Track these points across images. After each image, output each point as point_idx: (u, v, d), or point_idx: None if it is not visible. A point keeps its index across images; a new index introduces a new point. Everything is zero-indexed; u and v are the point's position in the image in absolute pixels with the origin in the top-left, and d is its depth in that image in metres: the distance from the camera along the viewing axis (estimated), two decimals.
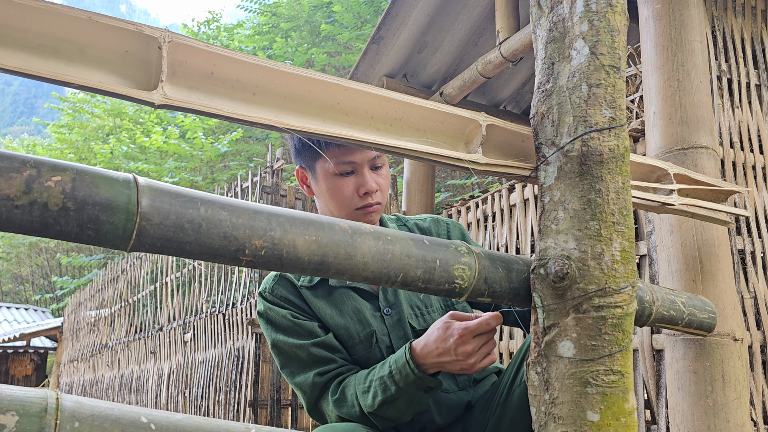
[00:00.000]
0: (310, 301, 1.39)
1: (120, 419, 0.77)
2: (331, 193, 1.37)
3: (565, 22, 1.02)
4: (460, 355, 1.16)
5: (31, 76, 0.74)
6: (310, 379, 1.33)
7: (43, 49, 0.76)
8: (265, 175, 4.90)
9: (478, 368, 1.18)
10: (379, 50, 3.57)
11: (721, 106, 2.21)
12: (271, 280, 1.42)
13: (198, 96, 0.85)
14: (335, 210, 1.39)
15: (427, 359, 1.20)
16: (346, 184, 1.36)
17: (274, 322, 1.39)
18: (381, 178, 1.39)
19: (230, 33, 13.61)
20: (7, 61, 0.72)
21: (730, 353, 1.62)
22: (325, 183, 1.38)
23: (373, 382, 1.25)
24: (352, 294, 1.41)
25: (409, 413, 1.26)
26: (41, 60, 0.75)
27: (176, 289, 6.28)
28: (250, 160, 11.00)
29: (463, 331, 1.15)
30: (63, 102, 14.49)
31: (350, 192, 1.36)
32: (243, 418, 4.45)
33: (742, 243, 2.16)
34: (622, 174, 0.99)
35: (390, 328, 1.38)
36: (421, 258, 0.97)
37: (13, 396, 0.72)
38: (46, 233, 0.72)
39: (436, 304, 1.44)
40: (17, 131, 54.39)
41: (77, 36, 0.77)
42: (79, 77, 0.77)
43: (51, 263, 16.79)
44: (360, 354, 1.37)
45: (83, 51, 0.78)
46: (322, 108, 0.96)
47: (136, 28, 0.79)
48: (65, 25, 0.76)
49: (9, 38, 0.74)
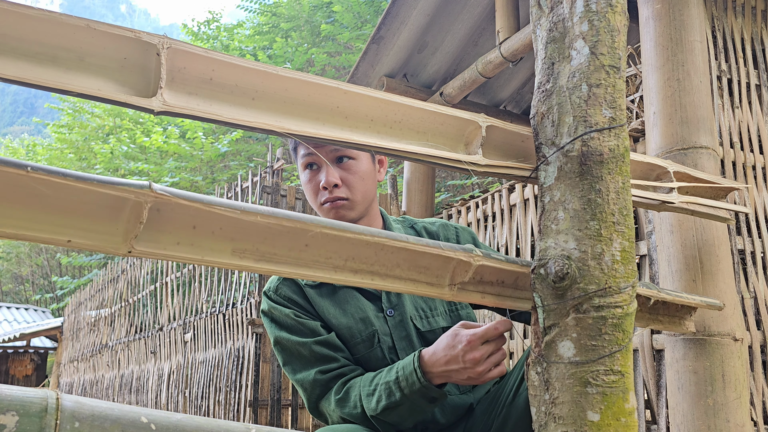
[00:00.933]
0: (314, 301, 1.40)
1: (120, 419, 0.77)
2: (305, 189, 1.40)
3: (565, 22, 1.02)
4: (468, 362, 1.14)
5: (29, 85, 0.74)
6: (311, 376, 1.34)
7: (42, 57, 0.75)
8: (266, 175, 4.90)
9: (487, 378, 1.16)
10: (379, 50, 3.57)
11: (721, 106, 2.21)
12: (276, 279, 1.43)
13: (197, 102, 0.85)
14: (312, 205, 1.41)
15: (434, 367, 1.19)
16: (312, 179, 1.38)
17: (278, 320, 1.39)
18: (347, 171, 1.37)
19: (230, 33, 13.60)
20: (6, 70, 0.72)
21: (730, 353, 1.62)
22: (301, 178, 1.40)
23: (379, 386, 1.25)
24: (356, 294, 1.41)
25: (411, 420, 1.26)
26: (39, 68, 0.75)
27: (176, 289, 6.28)
28: (251, 160, 11.00)
29: (471, 338, 1.14)
30: (63, 102, 14.49)
31: (315, 188, 1.37)
32: (243, 418, 4.45)
33: (742, 243, 2.16)
34: (622, 174, 0.99)
35: (392, 329, 1.38)
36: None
37: (13, 396, 0.72)
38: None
39: (440, 308, 1.44)
40: (17, 131, 54.38)
41: (75, 44, 0.77)
42: (78, 85, 0.76)
43: (51, 263, 16.80)
44: (362, 354, 1.37)
45: (81, 58, 0.78)
46: (322, 112, 0.96)
47: (134, 35, 0.79)
48: (63, 32, 0.76)
49: (7, 47, 0.73)
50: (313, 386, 1.34)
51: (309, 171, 1.38)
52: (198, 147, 10.69)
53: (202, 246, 0.82)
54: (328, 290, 1.41)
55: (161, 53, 0.80)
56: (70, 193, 0.72)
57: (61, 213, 0.74)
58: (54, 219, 0.74)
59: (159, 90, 0.80)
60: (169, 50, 0.81)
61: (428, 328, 1.39)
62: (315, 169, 1.37)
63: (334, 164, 1.36)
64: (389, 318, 1.39)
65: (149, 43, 0.80)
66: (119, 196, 0.74)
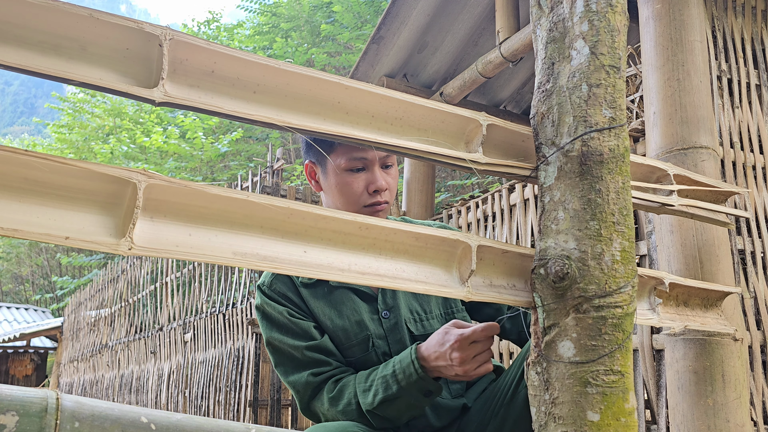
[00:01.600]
0: (308, 301, 1.39)
1: (120, 419, 0.77)
2: (340, 189, 1.38)
3: (565, 22, 1.02)
4: (455, 360, 1.17)
5: (31, 73, 0.74)
6: (303, 379, 1.34)
7: (44, 46, 0.76)
8: (265, 175, 4.90)
9: (473, 375, 1.19)
10: (379, 50, 3.57)
11: (721, 106, 2.21)
12: (270, 274, 1.42)
13: (199, 94, 0.85)
14: (343, 206, 1.38)
15: (427, 362, 1.21)
16: (356, 180, 1.37)
17: (271, 317, 1.39)
18: (390, 177, 1.40)
19: (230, 33, 13.60)
20: (8, 58, 0.73)
21: (730, 353, 1.62)
22: (335, 179, 1.38)
23: (376, 380, 1.26)
24: (351, 295, 1.40)
25: (407, 415, 1.27)
26: (42, 57, 0.75)
27: (176, 289, 6.28)
28: (250, 160, 11.00)
29: (459, 338, 1.17)
30: (63, 102, 14.47)
31: (360, 188, 1.37)
32: (243, 418, 4.45)
33: (742, 243, 2.16)
34: (622, 174, 0.99)
35: (387, 332, 1.38)
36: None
37: (14, 396, 0.72)
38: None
39: (436, 311, 1.44)
40: (17, 131, 54.39)
41: (78, 33, 0.77)
42: (80, 74, 0.77)
43: (51, 263, 16.79)
44: (356, 357, 1.37)
45: (84, 48, 0.78)
46: (323, 107, 0.96)
47: (137, 26, 0.79)
48: (66, 22, 0.76)
49: (10, 35, 0.74)
50: (306, 388, 1.34)
51: (353, 172, 1.37)
52: (198, 147, 10.69)
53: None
54: (323, 291, 1.40)
55: (164, 44, 0.80)
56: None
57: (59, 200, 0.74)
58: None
59: (161, 81, 0.80)
60: (171, 41, 0.81)
61: (422, 332, 1.39)
62: (359, 171, 1.37)
63: (381, 169, 1.38)
64: (384, 320, 1.39)
65: (152, 34, 0.80)
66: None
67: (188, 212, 0.83)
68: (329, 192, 1.41)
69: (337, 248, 0.94)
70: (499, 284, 1.05)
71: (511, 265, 1.06)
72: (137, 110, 13.71)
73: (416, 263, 1.00)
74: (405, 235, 0.98)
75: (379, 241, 0.97)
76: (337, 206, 1.40)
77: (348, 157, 1.36)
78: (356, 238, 0.96)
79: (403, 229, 0.97)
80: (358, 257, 0.95)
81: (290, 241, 0.90)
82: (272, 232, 0.89)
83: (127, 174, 0.78)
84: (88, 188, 0.77)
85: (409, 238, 0.99)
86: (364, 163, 1.36)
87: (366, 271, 0.94)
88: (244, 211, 0.87)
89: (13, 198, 0.73)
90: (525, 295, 1.06)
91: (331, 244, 0.93)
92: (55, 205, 0.75)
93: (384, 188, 1.37)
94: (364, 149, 1.35)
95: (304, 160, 1.46)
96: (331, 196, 1.40)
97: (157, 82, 0.81)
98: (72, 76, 0.76)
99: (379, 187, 1.36)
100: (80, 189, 0.77)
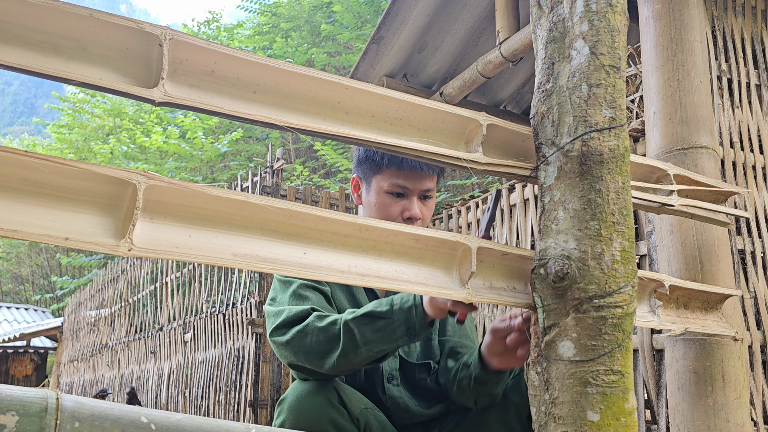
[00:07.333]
0: (330, 284, 1.45)
1: (120, 419, 0.77)
2: (378, 208, 1.46)
3: (565, 22, 1.02)
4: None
5: (31, 73, 0.74)
6: (286, 301, 1.36)
7: (44, 45, 0.76)
8: (266, 175, 4.90)
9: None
10: (379, 50, 3.57)
11: (721, 106, 2.21)
12: None
13: (198, 94, 0.85)
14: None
15: (430, 300, 1.20)
16: (394, 204, 1.45)
17: (287, 281, 1.43)
18: (426, 208, 1.47)
19: (230, 33, 13.59)
20: (8, 58, 0.73)
21: (730, 353, 1.62)
22: (376, 197, 1.46)
23: (368, 306, 1.26)
24: (363, 292, 1.50)
25: (376, 348, 1.22)
26: (42, 57, 0.75)
27: (176, 289, 6.28)
28: (251, 160, 10.99)
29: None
30: (63, 102, 14.47)
31: (395, 213, 1.44)
32: (243, 418, 4.45)
33: (742, 243, 2.16)
34: (622, 174, 0.99)
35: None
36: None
37: (13, 396, 0.72)
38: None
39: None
40: (17, 131, 54.36)
41: (78, 33, 0.77)
42: (80, 74, 0.77)
43: (51, 263, 16.79)
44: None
45: (84, 48, 0.78)
46: (323, 106, 0.96)
47: (137, 26, 0.79)
48: (66, 22, 0.76)
49: (10, 35, 0.74)
50: (288, 313, 1.31)
51: (393, 196, 1.45)
52: (198, 147, 10.68)
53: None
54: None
55: (164, 44, 0.80)
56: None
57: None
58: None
59: (161, 81, 0.80)
60: (171, 41, 0.81)
61: (404, 354, 1.46)
62: (399, 197, 1.45)
63: (420, 200, 1.45)
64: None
65: (152, 33, 0.80)
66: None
67: (188, 213, 0.83)
68: (367, 207, 1.49)
69: (337, 250, 0.94)
70: (499, 286, 1.05)
71: (511, 267, 1.06)
72: (137, 110, 13.70)
73: (416, 265, 1.00)
74: (405, 236, 0.98)
75: (379, 242, 0.97)
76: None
77: (392, 182, 1.44)
78: (356, 239, 0.96)
79: (403, 230, 0.97)
80: (358, 259, 0.95)
81: (290, 242, 0.90)
82: (272, 234, 0.89)
83: (127, 175, 0.78)
84: (88, 189, 0.77)
85: (409, 239, 0.99)
86: (404, 190, 1.44)
87: (366, 273, 0.94)
88: (244, 213, 0.87)
89: (13, 199, 0.73)
90: (525, 297, 1.06)
91: (331, 245, 0.93)
92: (54, 206, 0.75)
93: (417, 218, 1.44)
94: (409, 177, 1.43)
95: (353, 173, 1.55)
96: (368, 211, 1.48)
97: (157, 82, 0.81)
98: (72, 76, 0.76)
99: (413, 216, 1.43)
100: (80, 190, 0.77)
